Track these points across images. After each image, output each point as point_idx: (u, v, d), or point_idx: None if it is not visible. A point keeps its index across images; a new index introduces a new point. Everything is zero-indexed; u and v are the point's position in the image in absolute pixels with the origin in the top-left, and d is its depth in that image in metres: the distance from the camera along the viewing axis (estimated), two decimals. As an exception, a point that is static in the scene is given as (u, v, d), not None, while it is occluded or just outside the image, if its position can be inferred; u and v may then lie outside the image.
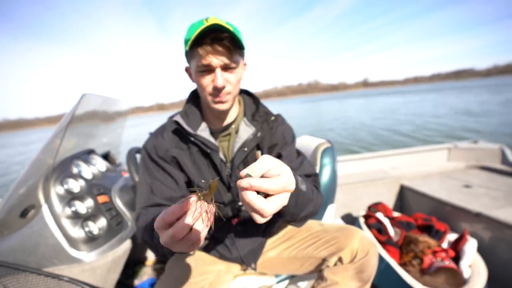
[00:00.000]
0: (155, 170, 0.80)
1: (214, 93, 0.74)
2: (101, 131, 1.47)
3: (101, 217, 0.97)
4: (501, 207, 1.47)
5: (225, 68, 0.73)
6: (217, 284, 0.83)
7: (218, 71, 0.72)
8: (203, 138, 0.79)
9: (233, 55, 0.72)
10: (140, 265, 1.56)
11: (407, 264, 1.31)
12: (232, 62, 0.72)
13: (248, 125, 0.85)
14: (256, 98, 0.91)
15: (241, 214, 0.88)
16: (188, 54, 0.75)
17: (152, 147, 0.81)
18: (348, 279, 0.77)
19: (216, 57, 0.70)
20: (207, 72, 0.73)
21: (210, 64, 0.71)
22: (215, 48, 0.69)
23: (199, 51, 0.69)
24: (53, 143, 0.95)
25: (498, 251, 1.36)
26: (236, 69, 0.75)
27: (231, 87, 0.76)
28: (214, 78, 0.72)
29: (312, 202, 0.69)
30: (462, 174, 2.10)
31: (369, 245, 0.79)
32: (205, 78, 0.73)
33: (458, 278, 1.15)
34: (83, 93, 1.00)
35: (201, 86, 0.75)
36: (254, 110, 0.89)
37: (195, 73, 0.75)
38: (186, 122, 0.80)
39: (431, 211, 1.75)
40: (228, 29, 0.67)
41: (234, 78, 0.75)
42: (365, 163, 2.37)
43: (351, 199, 2.03)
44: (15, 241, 0.85)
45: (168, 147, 0.81)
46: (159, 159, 0.80)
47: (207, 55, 0.69)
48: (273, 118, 0.88)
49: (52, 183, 0.90)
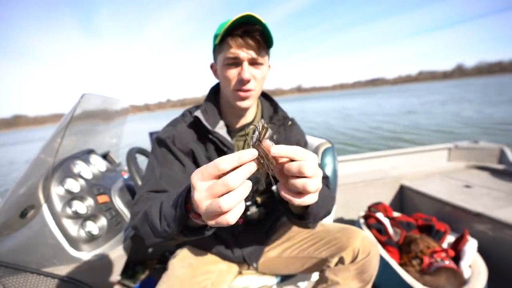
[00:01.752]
0: (169, 158, 0.79)
1: (239, 87, 0.74)
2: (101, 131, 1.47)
3: (101, 217, 0.97)
4: (501, 207, 1.47)
5: (252, 63, 0.73)
6: (219, 284, 0.83)
7: (246, 64, 0.71)
8: (221, 136, 0.79)
9: (261, 50, 0.72)
10: (140, 265, 1.56)
11: (407, 264, 1.31)
12: (259, 57, 0.72)
13: None
14: (274, 101, 0.91)
15: (248, 215, 0.88)
16: (216, 49, 0.76)
17: (171, 136, 0.79)
18: (349, 280, 0.77)
19: (245, 50, 0.70)
20: (234, 65, 0.73)
21: (238, 56, 0.70)
22: (245, 41, 0.69)
23: (229, 42, 0.69)
24: (53, 143, 0.95)
25: (499, 251, 1.36)
26: (262, 66, 0.75)
27: (255, 84, 0.75)
28: (241, 71, 0.72)
29: (329, 202, 0.71)
30: (462, 174, 2.10)
31: (370, 246, 0.79)
32: (231, 71, 0.73)
33: (458, 278, 1.15)
34: (83, 93, 1.00)
35: (227, 78, 0.74)
36: (272, 113, 0.89)
37: (222, 66, 0.74)
38: (205, 118, 0.79)
39: (431, 211, 1.75)
40: (260, 21, 0.67)
41: (259, 75, 0.75)
42: (365, 163, 2.37)
43: (351, 199, 2.03)
44: (15, 241, 0.84)
45: (187, 139, 0.80)
46: (176, 149, 0.79)
47: (236, 47, 0.69)
48: (290, 123, 0.88)
49: (52, 183, 0.90)
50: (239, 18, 0.66)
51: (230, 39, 0.69)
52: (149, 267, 1.56)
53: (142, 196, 0.71)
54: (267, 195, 0.91)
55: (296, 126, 0.93)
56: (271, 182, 0.89)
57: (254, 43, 0.70)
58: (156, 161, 0.79)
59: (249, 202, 0.88)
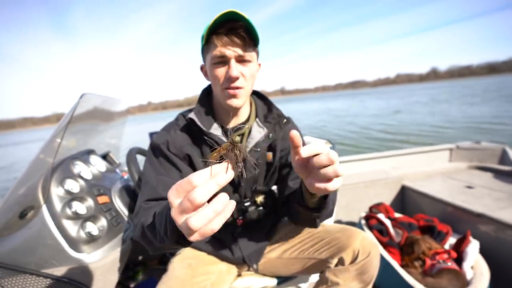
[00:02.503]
0: (165, 165, 0.78)
1: (227, 85, 0.74)
2: (101, 131, 1.46)
3: (101, 217, 0.97)
4: (503, 208, 1.46)
5: (240, 61, 0.73)
6: (218, 285, 0.83)
7: (233, 62, 0.72)
8: (216, 137, 0.78)
9: (247, 47, 0.72)
10: (141, 266, 1.55)
11: (409, 266, 1.30)
12: (246, 54, 0.72)
13: (261, 126, 0.84)
14: (268, 100, 0.90)
15: (247, 215, 0.87)
16: (204, 49, 0.76)
17: (165, 141, 0.79)
18: (349, 280, 0.76)
19: (231, 48, 0.70)
20: (222, 64, 0.73)
21: (224, 54, 0.71)
22: (230, 38, 0.69)
23: (214, 41, 0.70)
24: (53, 143, 0.95)
25: (501, 252, 1.35)
26: (250, 63, 0.75)
27: (244, 81, 0.75)
28: (228, 69, 0.72)
29: (335, 200, 0.72)
30: (464, 174, 2.08)
31: (370, 246, 0.78)
32: (219, 70, 0.73)
33: (460, 280, 1.14)
34: (83, 93, 1.00)
35: (215, 78, 0.75)
36: (267, 112, 0.88)
37: (210, 66, 0.75)
38: (200, 120, 0.79)
39: (433, 212, 1.74)
40: (243, 17, 0.67)
41: (247, 72, 0.75)
42: (366, 163, 2.36)
43: (352, 200, 2.02)
44: (14, 242, 0.84)
45: (182, 144, 0.80)
46: (172, 155, 0.79)
47: (222, 45, 0.70)
48: (285, 120, 0.88)
49: (52, 183, 0.89)
50: (222, 15, 0.66)
51: (215, 38, 0.70)
52: (149, 268, 1.56)
53: (142, 206, 0.71)
54: (266, 195, 0.91)
55: (292, 124, 0.92)
56: (268, 183, 0.88)
57: (239, 40, 0.70)
58: (151, 169, 0.78)
59: (248, 202, 0.88)
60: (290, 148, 0.86)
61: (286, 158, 0.88)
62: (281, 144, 0.87)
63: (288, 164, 0.88)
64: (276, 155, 0.86)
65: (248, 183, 0.86)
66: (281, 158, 0.88)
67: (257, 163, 0.85)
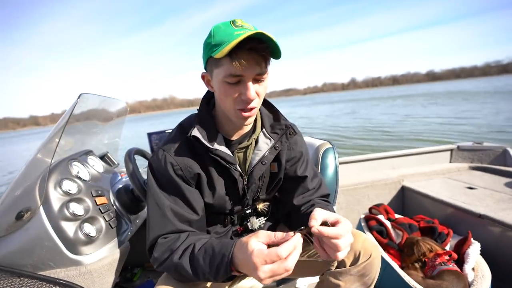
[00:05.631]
0: (173, 191, 0.74)
1: (243, 107, 0.68)
2: (99, 132, 1.46)
3: (99, 219, 0.96)
4: (505, 209, 1.45)
5: (256, 80, 0.67)
6: (217, 286, 0.82)
7: (250, 84, 0.65)
8: (222, 153, 0.74)
9: (267, 65, 0.66)
10: (139, 268, 1.55)
11: (410, 267, 1.29)
12: (264, 74, 0.67)
13: (268, 137, 0.81)
14: (274, 107, 0.86)
15: (247, 223, 0.88)
16: (212, 60, 0.66)
17: (169, 163, 0.73)
18: (350, 283, 0.75)
19: (250, 69, 0.63)
20: (236, 82, 0.65)
21: (242, 74, 0.63)
22: (252, 59, 0.62)
23: (233, 60, 0.61)
24: (50, 144, 0.94)
25: (502, 254, 1.34)
26: (265, 81, 0.70)
27: (258, 100, 0.70)
28: (244, 90, 0.65)
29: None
30: (465, 175, 2.08)
31: (371, 248, 0.77)
32: (232, 89, 0.66)
33: (461, 282, 1.13)
34: (81, 93, 0.99)
35: (227, 96, 0.67)
36: (273, 121, 0.84)
37: (220, 82, 0.67)
38: (203, 136, 0.73)
39: (434, 213, 1.73)
40: (270, 39, 0.59)
41: (263, 90, 0.70)
42: (366, 164, 2.36)
43: (352, 201, 2.02)
44: (10, 244, 0.83)
45: (188, 163, 0.74)
46: (179, 179, 0.73)
47: (240, 65, 0.61)
48: (293, 131, 0.84)
49: (49, 184, 0.88)
50: (248, 36, 0.58)
51: (235, 55, 0.61)
52: (147, 270, 1.55)
53: (158, 242, 0.69)
54: (267, 203, 0.91)
55: (299, 136, 0.89)
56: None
57: (261, 60, 0.63)
58: (158, 196, 0.73)
59: (249, 210, 0.88)
60: (299, 159, 0.86)
61: (292, 170, 0.86)
62: (287, 154, 0.85)
63: (293, 177, 0.86)
64: (282, 166, 0.84)
65: (251, 192, 0.85)
66: (286, 169, 0.86)
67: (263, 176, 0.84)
